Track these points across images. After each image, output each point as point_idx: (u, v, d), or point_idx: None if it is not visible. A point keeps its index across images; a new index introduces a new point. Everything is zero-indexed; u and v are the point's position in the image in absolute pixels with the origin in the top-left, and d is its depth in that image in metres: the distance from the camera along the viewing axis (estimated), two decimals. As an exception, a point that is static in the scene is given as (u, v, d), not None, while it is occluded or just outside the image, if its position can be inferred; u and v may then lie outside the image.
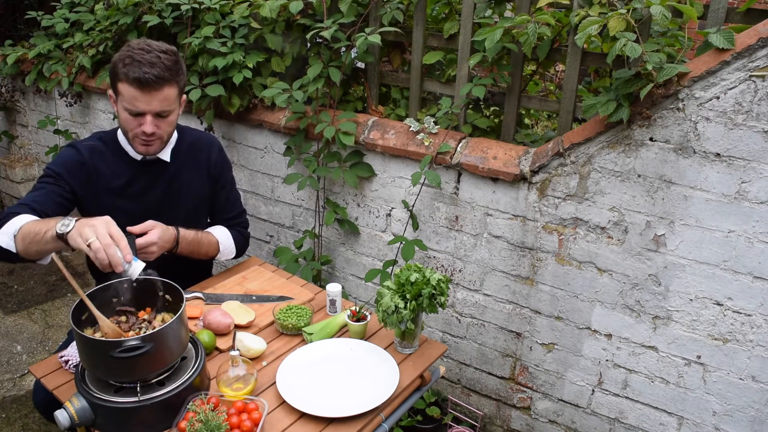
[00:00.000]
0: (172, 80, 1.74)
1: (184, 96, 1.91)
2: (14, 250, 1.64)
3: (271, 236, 2.99)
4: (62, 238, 1.49)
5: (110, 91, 1.82)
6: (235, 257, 2.16)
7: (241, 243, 2.15)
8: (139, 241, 1.70)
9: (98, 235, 1.44)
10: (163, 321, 1.54)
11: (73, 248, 1.50)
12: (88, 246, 1.43)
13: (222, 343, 1.72)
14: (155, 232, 1.75)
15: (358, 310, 1.79)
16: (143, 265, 1.52)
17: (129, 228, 1.71)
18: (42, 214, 1.72)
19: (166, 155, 1.95)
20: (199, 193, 2.05)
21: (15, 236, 1.63)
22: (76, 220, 1.50)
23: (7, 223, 1.67)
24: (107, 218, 1.49)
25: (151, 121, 1.77)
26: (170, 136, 1.91)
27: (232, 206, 2.16)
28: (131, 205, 1.92)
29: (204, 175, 2.05)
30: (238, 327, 1.78)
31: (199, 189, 2.04)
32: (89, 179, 1.87)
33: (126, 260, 1.47)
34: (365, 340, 1.77)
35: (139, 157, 1.91)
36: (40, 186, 1.82)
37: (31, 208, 1.72)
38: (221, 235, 2.07)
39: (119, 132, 1.92)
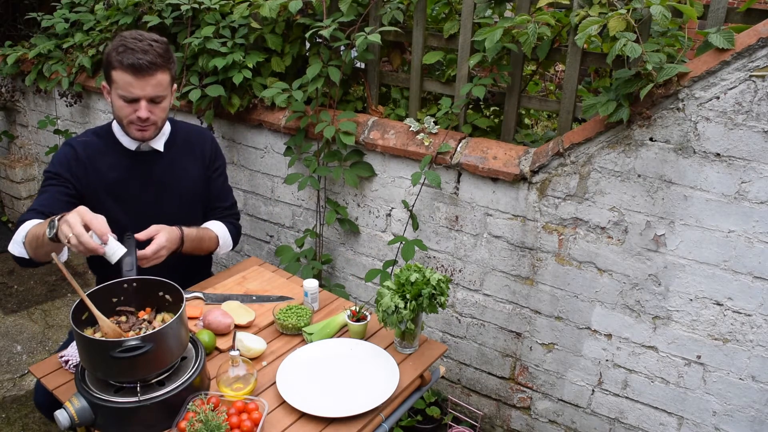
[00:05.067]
0: (164, 66, 1.80)
1: (175, 85, 1.95)
2: (27, 256, 1.72)
3: (271, 236, 2.99)
4: (54, 240, 1.54)
5: (103, 83, 1.86)
6: (230, 250, 2.20)
7: (235, 235, 2.19)
8: (149, 248, 1.73)
9: (71, 227, 1.48)
10: (163, 321, 1.54)
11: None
12: (69, 242, 1.48)
13: (222, 343, 1.72)
14: (162, 236, 1.77)
15: (358, 310, 1.79)
16: (123, 249, 1.57)
17: (136, 235, 1.74)
18: (50, 216, 1.74)
19: (159, 145, 1.98)
20: (194, 184, 2.07)
21: (24, 243, 1.70)
22: (59, 219, 1.53)
23: (17, 231, 1.75)
24: (80, 208, 1.53)
25: (145, 107, 1.81)
26: (164, 122, 1.94)
27: (226, 195, 2.20)
28: (128, 197, 1.94)
29: (199, 165, 2.08)
30: (238, 327, 1.78)
31: (193, 179, 2.07)
32: (86, 174, 1.90)
33: (102, 240, 1.51)
34: (365, 340, 1.77)
35: (133, 147, 1.95)
36: (44, 190, 1.86)
37: (39, 212, 1.78)
38: (219, 230, 2.10)
39: (113, 124, 1.96)
